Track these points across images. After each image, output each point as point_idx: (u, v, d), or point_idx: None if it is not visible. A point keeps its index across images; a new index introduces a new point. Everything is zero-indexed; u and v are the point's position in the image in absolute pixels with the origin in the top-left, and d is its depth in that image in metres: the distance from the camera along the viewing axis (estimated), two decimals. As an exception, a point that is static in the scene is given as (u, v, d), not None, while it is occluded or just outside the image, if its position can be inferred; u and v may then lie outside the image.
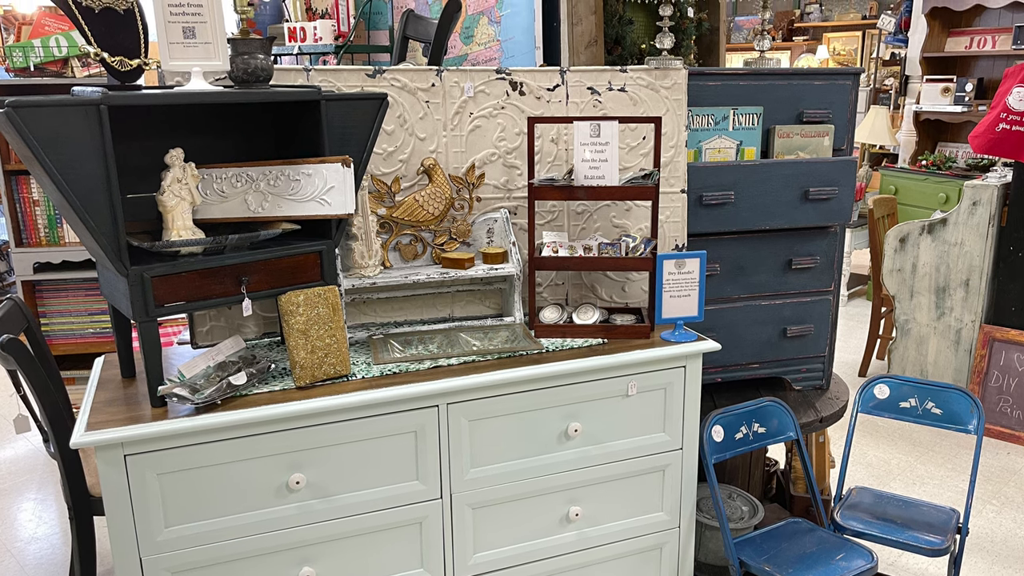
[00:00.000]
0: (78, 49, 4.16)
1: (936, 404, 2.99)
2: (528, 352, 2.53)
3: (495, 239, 2.76)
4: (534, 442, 2.49)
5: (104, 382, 2.39)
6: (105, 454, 2.04)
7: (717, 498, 2.73)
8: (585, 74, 2.79)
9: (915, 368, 5.36)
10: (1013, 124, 4.62)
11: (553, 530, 2.60)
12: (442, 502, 2.42)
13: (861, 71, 3.19)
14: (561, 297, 2.91)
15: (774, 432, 2.92)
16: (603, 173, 2.62)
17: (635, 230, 2.91)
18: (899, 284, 5.34)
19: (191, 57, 2.14)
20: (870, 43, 10.67)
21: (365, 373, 2.36)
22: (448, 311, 2.83)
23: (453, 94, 2.68)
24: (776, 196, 3.01)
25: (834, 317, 3.30)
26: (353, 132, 2.33)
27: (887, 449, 4.63)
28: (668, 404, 2.62)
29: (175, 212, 2.17)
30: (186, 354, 2.57)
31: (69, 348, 4.43)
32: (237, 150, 2.44)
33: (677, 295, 2.64)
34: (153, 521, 2.11)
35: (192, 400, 2.11)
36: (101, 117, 1.93)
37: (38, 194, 4.23)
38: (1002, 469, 4.42)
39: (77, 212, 1.95)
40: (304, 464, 2.23)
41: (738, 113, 3.01)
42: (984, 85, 7.32)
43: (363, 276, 2.55)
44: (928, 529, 2.82)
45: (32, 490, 4.27)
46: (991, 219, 4.87)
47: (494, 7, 3.93)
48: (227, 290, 2.22)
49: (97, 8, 2.06)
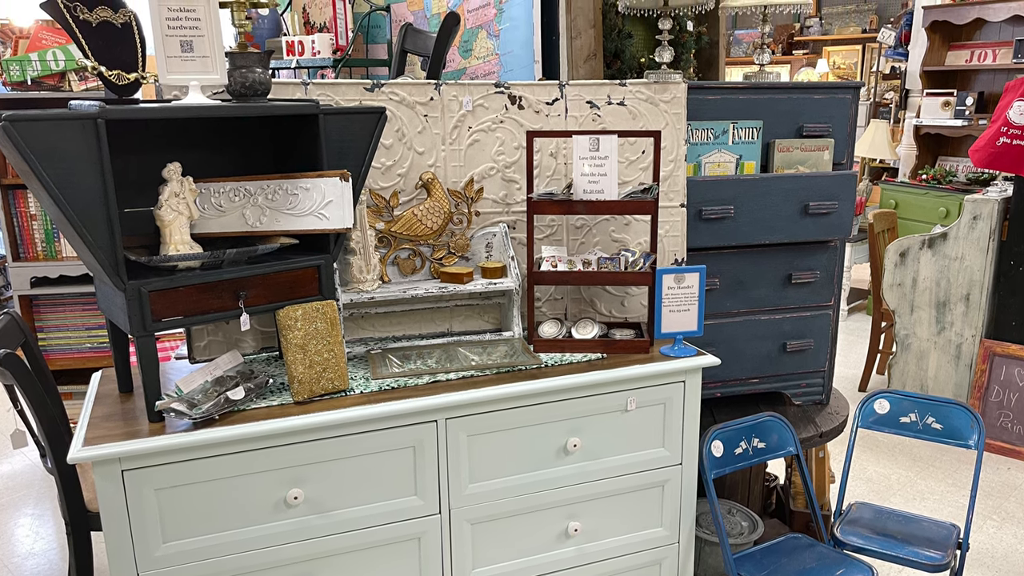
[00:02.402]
0: (75, 63, 4.17)
1: (936, 419, 2.98)
2: (527, 367, 2.52)
3: (494, 253, 2.75)
4: (533, 457, 2.48)
5: (101, 397, 2.38)
6: (102, 469, 2.03)
7: (717, 513, 2.72)
8: (584, 88, 2.79)
9: (915, 383, 5.35)
10: (1014, 138, 4.62)
11: (552, 546, 2.59)
12: (441, 517, 2.41)
13: (861, 85, 3.19)
14: (560, 312, 2.90)
15: (774, 447, 2.91)
16: (602, 187, 2.61)
17: (634, 244, 2.90)
18: (899, 298, 5.34)
19: (189, 71, 2.14)
20: (870, 57, 10.70)
21: (363, 388, 2.35)
22: (447, 326, 2.82)
23: (452, 108, 2.68)
24: (776, 210, 3.01)
25: (834, 332, 3.30)
26: (351, 146, 2.33)
27: (887, 464, 4.62)
28: (667, 419, 2.61)
29: (173, 226, 2.16)
30: (184, 369, 2.56)
31: (66, 363, 4.43)
32: (235, 164, 2.44)
33: (676, 310, 2.63)
34: (151, 537, 2.10)
35: (190, 415, 2.10)
36: (98, 131, 1.92)
37: (35, 208, 4.23)
38: (1003, 484, 4.41)
39: (74, 226, 1.95)
40: (302, 479, 2.22)
41: (738, 127, 3.01)
42: (984, 99, 7.33)
43: (361, 291, 2.54)
44: (928, 545, 2.81)
45: (29, 505, 4.26)
46: (991, 233, 4.86)
47: (493, 21, 3.93)
48: (225, 305, 2.21)
49: (95, 22, 2.06)
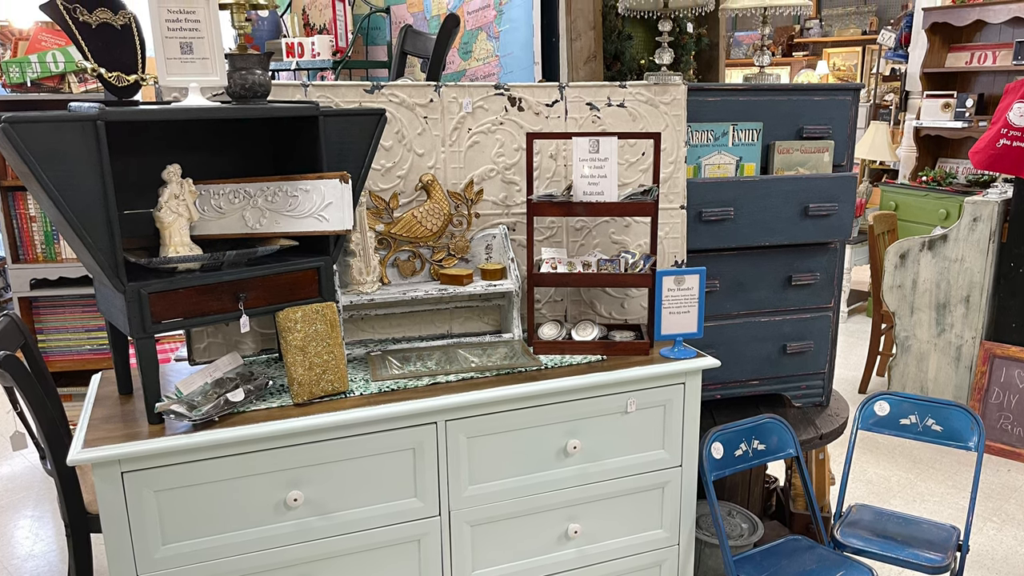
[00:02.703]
0: (75, 64, 4.17)
1: (936, 421, 2.98)
2: (527, 369, 2.52)
3: (494, 255, 2.75)
4: (533, 459, 2.48)
5: (101, 399, 2.38)
6: (102, 471, 2.03)
7: (716, 515, 2.72)
8: (584, 90, 2.79)
9: (915, 385, 5.35)
10: (1014, 140, 4.62)
11: (552, 547, 2.59)
12: (441, 519, 2.41)
13: (861, 87, 3.19)
14: (560, 313, 2.90)
15: (774, 449, 2.91)
16: (602, 189, 2.61)
17: (634, 246, 2.90)
18: (899, 300, 5.34)
19: (188, 72, 2.14)
20: (870, 58, 10.71)
21: (363, 390, 2.35)
22: (446, 327, 2.82)
23: (451, 110, 2.68)
24: (776, 212, 3.01)
25: (834, 334, 3.30)
26: (351, 148, 2.33)
27: (887, 466, 4.62)
28: (667, 421, 2.61)
29: (172, 228, 2.16)
30: (183, 371, 2.56)
31: (66, 365, 4.43)
32: (235, 166, 2.44)
33: (676, 311, 2.63)
34: (150, 538, 2.10)
35: (190, 417, 2.10)
36: (98, 133, 1.92)
37: (35, 210, 4.23)
38: (1003, 486, 4.41)
39: (74, 228, 1.95)
40: (302, 481, 2.22)
41: (738, 129, 3.01)
42: (984, 101, 7.34)
43: (361, 292, 2.54)
44: (928, 547, 2.81)
45: (29, 507, 4.26)
46: (991, 235, 4.86)
47: (493, 22, 3.93)
48: (225, 306, 2.21)
49: (94, 23, 2.06)
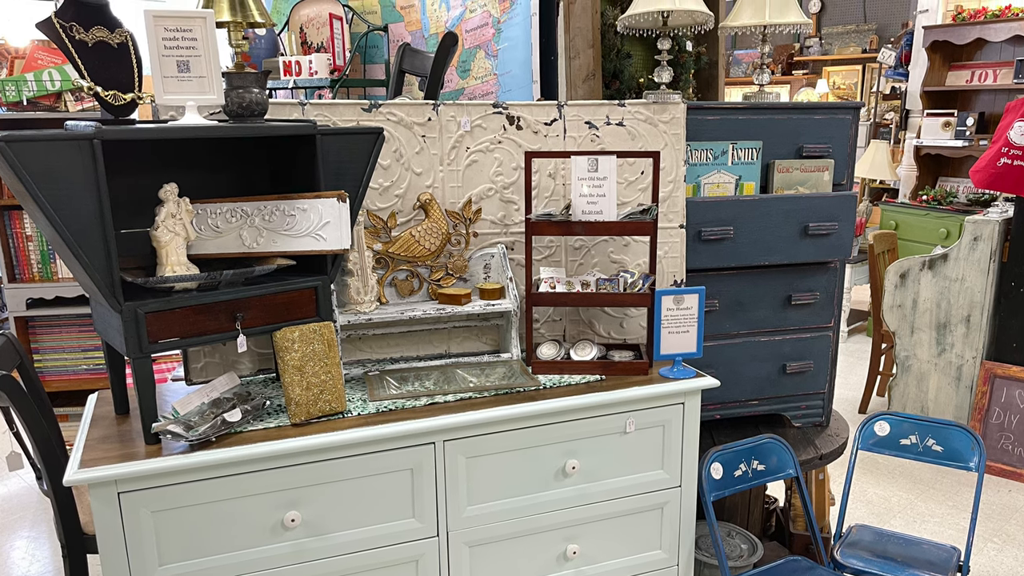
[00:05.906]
0: (72, 83, 4.17)
1: (937, 441, 2.96)
2: (525, 389, 2.50)
3: (492, 275, 2.74)
4: (531, 479, 2.46)
5: (97, 419, 2.37)
6: (99, 491, 2.01)
7: (716, 536, 2.70)
8: (583, 108, 2.79)
9: (916, 405, 5.33)
10: (1014, 159, 4.62)
11: (551, 568, 2.57)
12: (439, 540, 2.39)
13: (861, 105, 3.19)
14: (559, 333, 2.89)
15: (773, 469, 2.89)
16: (601, 208, 2.61)
17: (633, 265, 2.89)
18: (899, 320, 5.32)
19: (186, 91, 2.14)
20: (870, 77, 10.74)
21: (361, 410, 2.34)
22: (445, 347, 2.81)
23: (450, 128, 2.67)
24: (775, 231, 3.00)
25: (834, 353, 3.28)
26: (349, 167, 2.32)
27: (887, 486, 4.59)
28: (667, 441, 2.60)
29: (169, 247, 2.16)
30: (180, 390, 2.55)
31: (62, 384, 4.42)
32: (232, 185, 2.43)
33: (676, 331, 2.62)
34: (147, 559, 2.08)
35: (186, 437, 2.08)
36: (95, 152, 1.92)
37: (31, 229, 4.22)
38: (1003, 507, 4.38)
39: (70, 247, 1.94)
40: (299, 502, 2.20)
41: (737, 147, 3.01)
42: (985, 119, 7.35)
43: (359, 312, 2.53)
44: (929, 567, 2.79)
45: (25, 528, 4.23)
46: (992, 255, 4.86)
47: (491, 41, 3.94)
48: (222, 326, 2.20)
49: (91, 42, 2.06)
